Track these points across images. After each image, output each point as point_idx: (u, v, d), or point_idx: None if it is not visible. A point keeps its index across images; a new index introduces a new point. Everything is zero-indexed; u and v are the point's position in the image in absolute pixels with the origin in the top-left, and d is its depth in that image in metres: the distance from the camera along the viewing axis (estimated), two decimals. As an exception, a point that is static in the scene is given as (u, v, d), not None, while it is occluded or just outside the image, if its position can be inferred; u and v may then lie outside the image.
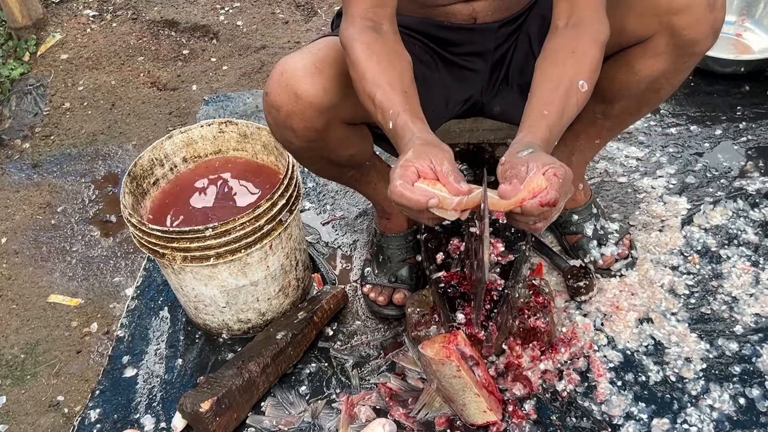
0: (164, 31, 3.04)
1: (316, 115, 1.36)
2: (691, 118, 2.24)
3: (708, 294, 1.74)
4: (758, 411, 1.51)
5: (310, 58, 1.36)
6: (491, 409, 1.45)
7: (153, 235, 1.55)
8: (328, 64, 1.36)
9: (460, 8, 1.48)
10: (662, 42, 1.41)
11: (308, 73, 1.34)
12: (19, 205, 2.30)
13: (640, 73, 1.47)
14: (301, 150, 1.48)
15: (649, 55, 1.44)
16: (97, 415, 1.66)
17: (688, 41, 1.39)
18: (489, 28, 1.51)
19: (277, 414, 1.61)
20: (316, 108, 1.35)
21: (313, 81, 1.33)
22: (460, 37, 1.53)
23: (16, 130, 2.61)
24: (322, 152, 1.49)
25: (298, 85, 1.33)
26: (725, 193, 1.98)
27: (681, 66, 1.47)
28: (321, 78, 1.34)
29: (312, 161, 1.56)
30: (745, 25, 2.51)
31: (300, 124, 1.38)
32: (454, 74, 1.57)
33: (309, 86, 1.33)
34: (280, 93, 1.35)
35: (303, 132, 1.39)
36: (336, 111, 1.38)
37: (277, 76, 1.36)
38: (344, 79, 1.35)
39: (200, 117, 2.53)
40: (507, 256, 1.55)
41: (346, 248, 1.99)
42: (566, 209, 1.82)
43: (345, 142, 1.47)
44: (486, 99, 1.62)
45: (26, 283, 2.04)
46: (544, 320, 1.58)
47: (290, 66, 1.35)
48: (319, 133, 1.40)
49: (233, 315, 1.73)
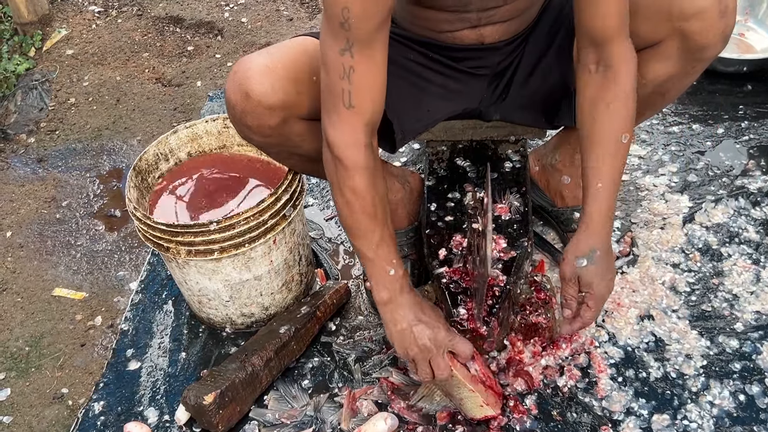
0: (169, 27, 3.05)
1: (268, 113, 1.38)
2: (693, 117, 2.24)
3: (709, 291, 1.75)
4: (758, 408, 1.52)
5: (264, 59, 1.39)
6: (488, 403, 1.46)
7: (158, 228, 1.56)
8: (281, 63, 1.39)
9: (467, 33, 1.47)
10: (672, 46, 1.41)
11: (258, 73, 1.36)
12: (24, 199, 2.31)
13: (647, 76, 1.47)
14: (264, 145, 1.50)
15: (658, 59, 1.44)
16: (101, 408, 1.67)
17: (699, 46, 1.39)
18: (494, 47, 1.51)
19: (279, 407, 1.62)
20: (265, 106, 1.37)
21: (262, 81, 1.35)
22: (464, 55, 1.53)
23: (21, 124, 2.62)
24: (287, 147, 1.50)
25: (248, 85, 1.36)
26: (727, 191, 1.98)
27: (689, 70, 1.47)
28: (271, 77, 1.36)
29: (281, 156, 1.58)
30: (748, 25, 2.51)
31: (253, 122, 1.40)
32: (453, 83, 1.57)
33: (258, 85, 1.35)
34: (234, 92, 1.38)
35: (258, 129, 1.42)
36: (290, 109, 1.39)
37: (232, 75, 1.39)
38: (298, 76, 1.38)
39: (204, 113, 2.54)
40: (509, 252, 1.56)
41: (348, 244, 2.00)
42: (568, 207, 1.83)
43: (307, 137, 1.47)
44: (484, 107, 1.62)
45: (31, 277, 2.05)
46: (545, 316, 1.59)
47: (243, 66, 1.38)
48: (275, 130, 1.42)
49: (237, 309, 1.74)
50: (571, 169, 1.79)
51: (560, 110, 1.62)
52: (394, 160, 2.16)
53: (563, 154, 1.79)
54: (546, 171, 1.85)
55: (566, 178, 1.81)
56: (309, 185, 2.17)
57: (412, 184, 1.82)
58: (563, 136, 1.79)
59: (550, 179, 1.84)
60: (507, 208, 1.64)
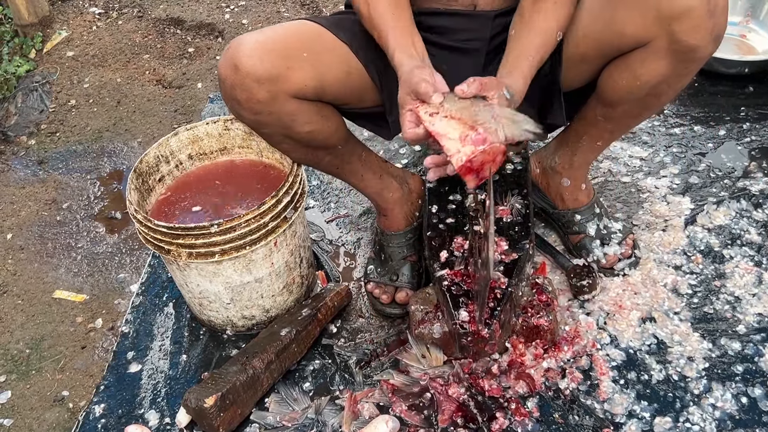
0: (170, 29, 3.05)
1: (256, 86, 1.41)
2: (695, 119, 2.24)
3: (711, 294, 1.75)
4: (761, 410, 1.51)
5: (255, 36, 1.44)
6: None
7: (158, 231, 1.56)
8: (272, 39, 1.44)
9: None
10: (662, 47, 1.40)
11: (248, 47, 1.41)
12: (24, 201, 2.31)
13: (641, 78, 1.47)
14: (255, 124, 1.52)
15: (651, 60, 1.44)
16: (101, 410, 1.67)
17: (688, 47, 1.39)
18: (486, 15, 1.54)
19: (280, 410, 1.61)
20: (253, 78, 1.40)
21: (251, 54, 1.40)
22: (457, 24, 1.55)
23: (21, 126, 2.62)
24: (278, 129, 1.51)
25: (238, 58, 1.40)
26: (728, 193, 1.98)
27: (682, 71, 1.46)
28: (259, 50, 1.40)
29: (275, 139, 1.58)
30: (750, 26, 2.51)
31: (242, 95, 1.43)
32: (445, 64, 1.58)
33: (247, 58, 1.39)
34: (225, 67, 1.42)
35: (247, 103, 1.44)
36: (279, 83, 1.41)
37: (224, 52, 1.44)
38: (289, 53, 1.43)
39: (205, 115, 2.54)
40: (511, 254, 1.55)
41: (349, 246, 2.00)
42: (569, 209, 1.83)
43: (298, 118, 1.49)
44: None
45: (32, 279, 2.05)
46: (547, 318, 1.59)
47: (235, 43, 1.43)
48: (265, 105, 1.44)
49: (237, 311, 1.73)
50: (570, 171, 1.79)
51: (552, 107, 1.62)
52: (395, 162, 2.16)
53: (562, 156, 1.79)
54: (546, 173, 1.85)
55: (566, 180, 1.81)
56: (310, 187, 2.17)
57: (411, 185, 1.82)
58: (562, 138, 1.79)
59: (551, 181, 1.84)
60: (509, 210, 1.64)
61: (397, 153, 2.25)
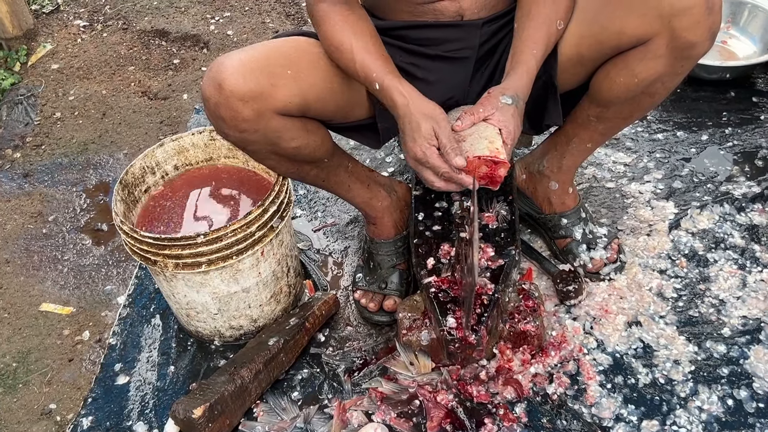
0: (155, 40, 3.05)
1: (240, 105, 1.40)
2: (677, 124, 2.26)
3: (696, 297, 1.76)
4: (746, 412, 1.53)
5: (238, 54, 1.43)
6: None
7: (145, 242, 1.56)
8: (255, 57, 1.43)
9: (447, 5, 1.51)
10: (662, 44, 1.42)
11: (231, 66, 1.40)
12: (10, 214, 2.30)
13: (639, 75, 1.48)
14: (241, 142, 1.50)
15: (649, 58, 1.45)
16: (89, 423, 1.66)
17: (687, 44, 1.41)
18: (474, 24, 1.54)
19: (269, 420, 1.61)
20: (238, 97, 1.39)
21: (234, 72, 1.39)
22: (445, 35, 1.56)
23: (7, 139, 2.61)
24: (264, 146, 1.51)
25: (221, 77, 1.39)
26: (712, 197, 2.00)
27: (678, 69, 1.48)
28: (243, 69, 1.40)
29: (260, 156, 1.57)
30: (730, 32, 2.54)
31: (227, 113, 1.42)
32: (434, 74, 1.59)
33: (230, 77, 1.38)
34: (208, 86, 1.41)
35: (232, 122, 1.43)
36: (264, 100, 1.41)
37: (207, 71, 1.43)
38: (273, 69, 1.42)
39: (191, 126, 2.54)
40: (497, 260, 1.56)
41: (337, 255, 2.00)
42: (555, 213, 1.84)
43: (284, 134, 1.48)
44: (470, 100, 1.63)
45: (18, 292, 2.04)
46: (534, 324, 1.60)
47: (218, 62, 1.42)
48: (250, 124, 1.43)
49: (225, 322, 1.73)
50: (558, 174, 1.80)
51: (546, 110, 1.63)
52: (381, 170, 2.16)
53: (550, 160, 1.80)
54: (533, 178, 1.86)
55: (554, 183, 1.82)
56: (297, 196, 2.17)
57: (399, 193, 1.82)
58: (550, 142, 1.81)
59: (538, 186, 1.85)
60: (494, 216, 1.65)
61: (383, 161, 2.26)
